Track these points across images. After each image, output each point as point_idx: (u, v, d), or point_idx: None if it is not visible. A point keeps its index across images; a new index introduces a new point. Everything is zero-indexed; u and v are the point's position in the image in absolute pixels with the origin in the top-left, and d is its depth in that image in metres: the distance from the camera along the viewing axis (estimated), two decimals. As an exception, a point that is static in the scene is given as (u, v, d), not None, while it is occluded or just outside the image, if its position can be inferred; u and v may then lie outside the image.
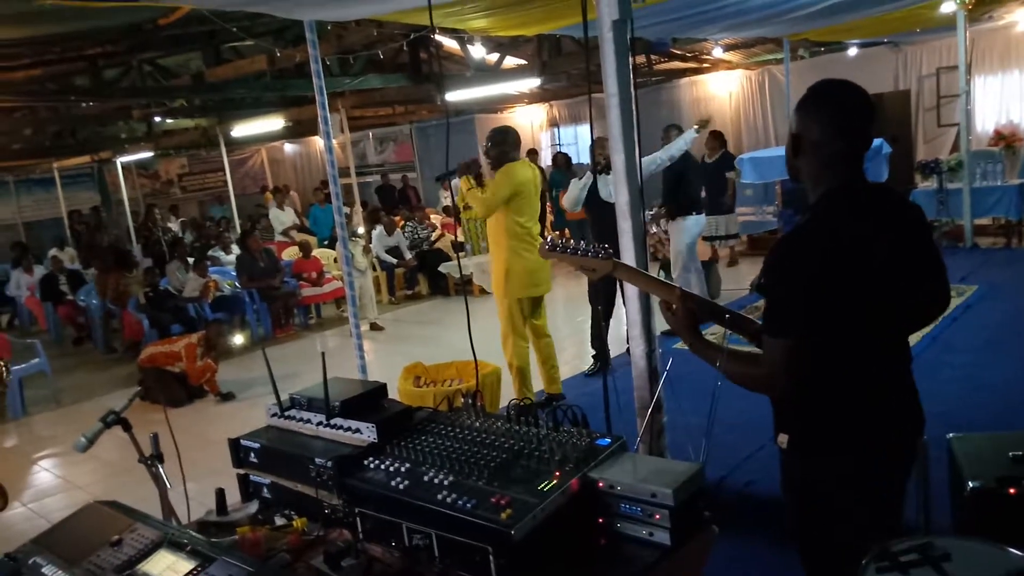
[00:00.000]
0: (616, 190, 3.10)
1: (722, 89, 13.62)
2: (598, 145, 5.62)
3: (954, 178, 9.16)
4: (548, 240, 2.37)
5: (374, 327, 9.17)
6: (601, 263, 2.23)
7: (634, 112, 3.07)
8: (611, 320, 6.10)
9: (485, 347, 3.87)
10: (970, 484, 2.49)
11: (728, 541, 2.06)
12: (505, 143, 5.12)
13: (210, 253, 11.84)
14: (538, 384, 5.39)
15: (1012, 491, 2.44)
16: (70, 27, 6.46)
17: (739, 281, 8.76)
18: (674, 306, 2.09)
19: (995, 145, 10.39)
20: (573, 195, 5.92)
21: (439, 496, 1.86)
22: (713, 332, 2.33)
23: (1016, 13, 10.12)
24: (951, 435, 2.81)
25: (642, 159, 4.37)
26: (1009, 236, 9.21)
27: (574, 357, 6.58)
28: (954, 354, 5.36)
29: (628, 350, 3.24)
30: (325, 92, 4.56)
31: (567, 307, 8.73)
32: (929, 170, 9.36)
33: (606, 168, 5.42)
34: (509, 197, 4.92)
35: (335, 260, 10.77)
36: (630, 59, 3.05)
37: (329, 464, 2.07)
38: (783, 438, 1.98)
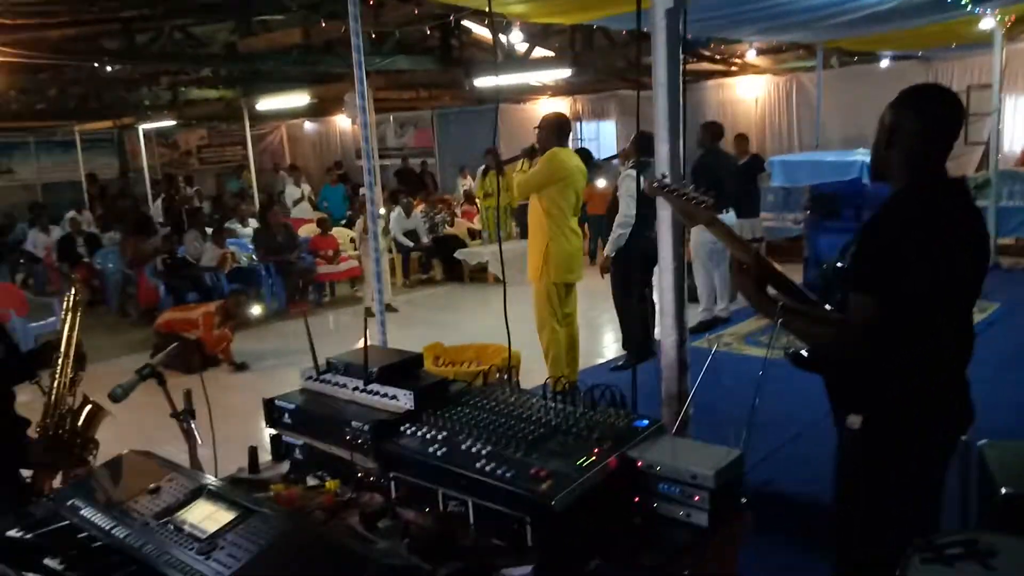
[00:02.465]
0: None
1: (749, 94, 13.55)
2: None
3: (980, 196, 9.09)
4: (658, 177, 2.42)
5: (388, 308, 9.15)
6: (701, 213, 2.27)
7: (681, 102, 3.05)
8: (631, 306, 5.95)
9: (505, 333, 3.81)
10: (1003, 490, 2.52)
11: (747, 538, 2.07)
12: (553, 127, 5.10)
13: (227, 225, 11.86)
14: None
15: (1044, 499, 2.44)
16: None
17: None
18: (744, 266, 2.19)
19: (1022, 166, 10.34)
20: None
21: (477, 464, 1.86)
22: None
23: (1052, 34, 10.03)
24: (982, 441, 2.82)
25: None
26: (1031, 257, 9.17)
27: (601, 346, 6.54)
28: (975, 368, 5.32)
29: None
30: (364, 68, 4.54)
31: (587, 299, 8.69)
32: (955, 186, 9.29)
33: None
34: (549, 183, 4.95)
35: (351, 240, 10.78)
36: (680, 50, 3.04)
37: (367, 428, 2.07)
38: (855, 419, 2.03)
